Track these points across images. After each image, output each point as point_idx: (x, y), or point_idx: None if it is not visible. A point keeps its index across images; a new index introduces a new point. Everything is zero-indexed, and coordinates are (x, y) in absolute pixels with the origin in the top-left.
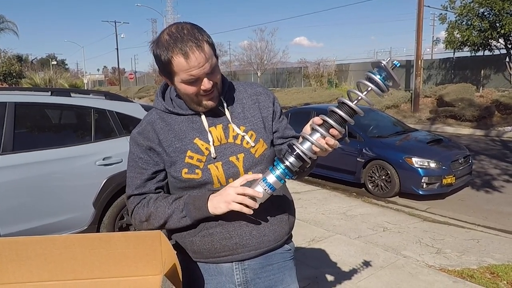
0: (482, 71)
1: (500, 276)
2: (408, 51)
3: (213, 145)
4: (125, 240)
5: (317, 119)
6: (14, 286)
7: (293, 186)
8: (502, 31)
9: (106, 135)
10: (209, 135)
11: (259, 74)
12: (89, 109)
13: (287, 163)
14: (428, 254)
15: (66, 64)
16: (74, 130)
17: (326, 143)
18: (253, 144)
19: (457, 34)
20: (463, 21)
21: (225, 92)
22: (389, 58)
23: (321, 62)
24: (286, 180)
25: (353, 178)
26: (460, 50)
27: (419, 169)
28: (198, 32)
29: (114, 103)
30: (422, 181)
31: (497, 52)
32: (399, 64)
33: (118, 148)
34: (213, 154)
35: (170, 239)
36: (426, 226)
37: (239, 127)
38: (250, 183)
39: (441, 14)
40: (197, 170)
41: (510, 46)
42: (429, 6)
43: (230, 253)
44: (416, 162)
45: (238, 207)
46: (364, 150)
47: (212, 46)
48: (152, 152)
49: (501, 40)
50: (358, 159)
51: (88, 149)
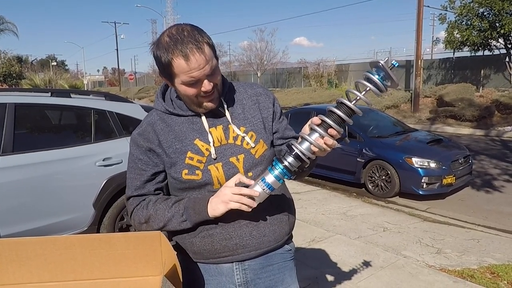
0: (482, 71)
1: (500, 276)
2: (408, 51)
3: (213, 146)
4: (125, 240)
5: (315, 119)
6: (14, 287)
7: (293, 187)
8: (502, 31)
9: (106, 136)
10: (209, 136)
11: (259, 75)
12: (89, 110)
13: (286, 163)
14: (428, 254)
15: (66, 65)
16: (74, 131)
17: (325, 143)
18: (253, 145)
19: (457, 34)
20: (463, 21)
21: (225, 93)
22: (387, 58)
23: (321, 62)
24: (285, 180)
25: (353, 178)
26: (460, 50)
27: (419, 169)
28: (198, 33)
29: (114, 104)
30: (422, 181)
31: (497, 52)
32: (398, 64)
33: (118, 148)
34: (213, 155)
35: (170, 240)
36: (426, 226)
37: (239, 128)
38: (245, 184)
39: (440, 14)
40: (197, 171)
41: (510, 46)
42: (428, 6)
43: (230, 253)
44: (416, 162)
45: (236, 206)
46: (364, 150)
47: (212, 47)
48: (152, 153)
49: (501, 40)
50: (358, 159)
51: (88, 150)
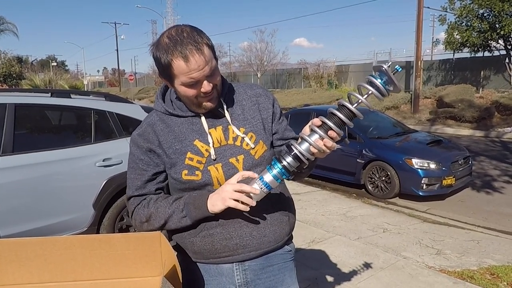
0: (482, 72)
1: (500, 277)
2: (408, 52)
3: (213, 146)
4: (125, 241)
5: (316, 121)
6: (14, 287)
7: (293, 187)
8: (502, 32)
9: (106, 136)
10: (209, 137)
11: (259, 75)
12: (89, 110)
13: (285, 163)
14: (428, 255)
15: (66, 65)
16: (74, 131)
17: (324, 145)
18: (252, 145)
19: (456, 35)
20: (463, 22)
21: (224, 93)
22: (390, 63)
23: (321, 63)
24: (283, 180)
25: (353, 179)
26: (459, 51)
27: (419, 170)
28: (197, 34)
29: (114, 104)
30: (422, 182)
31: (496, 53)
32: (401, 69)
33: (118, 149)
34: (213, 156)
35: (170, 240)
36: (426, 227)
37: (239, 129)
38: (247, 181)
39: (440, 15)
40: (197, 172)
41: (509, 47)
42: (428, 7)
43: (230, 253)
44: (416, 163)
45: (233, 204)
46: (364, 151)
47: (211, 48)
48: (152, 153)
49: (500, 41)
50: (358, 160)
51: (88, 150)
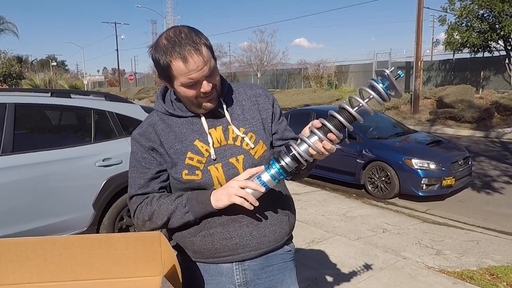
0: (482, 73)
1: (500, 277)
2: (408, 53)
3: (213, 146)
4: (124, 241)
5: (316, 122)
6: (13, 287)
7: (292, 187)
8: (502, 33)
9: (106, 136)
10: (209, 137)
11: (259, 75)
12: (89, 110)
13: (283, 163)
14: (427, 256)
15: (66, 65)
16: (74, 131)
17: (323, 147)
18: (252, 145)
19: (456, 35)
20: (463, 22)
21: (224, 94)
22: (393, 68)
23: (321, 63)
24: (280, 180)
25: (353, 179)
26: (459, 52)
27: (419, 170)
28: (195, 35)
29: (114, 104)
30: (422, 182)
31: (496, 53)
32: (403, 74)
33: (118, 149)
34: (213, 156)
35: (170, 240)
36: (426, 228)
37: (239, 129)
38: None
39: (440, 15)
40: (197, 172)
41: (509, 48)
42: (428, 8)
43: (230, 253)
44: (415, 163)
45: (239, 201)
46: (364, 152)
47: (210, 48)
48: (155, 152)
49: (500, 41)
50: (358, 160)
51: (88, 150)
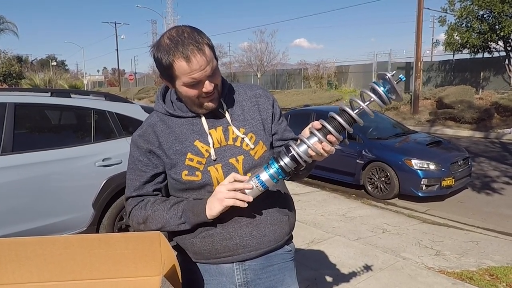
0: (482, 73)
1: (499, 278)
2: (407, 53)
3: (213, 147)
4: (124, 241)
5: (316, 124)
6: (13, 286)
7: (292, 188)
8: (502, 34)
9: (105, 136)
10: (209, 138)
11: (259, 76)
12: (89, 110)
13: (282, 163)
14: (427, 256)
15: (66, 65)
16: (74, 131)
17: (323, 148)
18: (252, 146)
19: (456, 36)
20: (463, 23)
21: (225, 94)
22: (394, 72)
23: (321, 63)
24: (279, 180)
25: (352, 179)
26: (459, 52)
27: (419, 171)
28: (198, 35)
29: (114, 104)
30: (422, 183)
31: (496, 54)
32: (405, 78)
33: (117, 149)
34: (213, 156)
35: (170, 240)
36: (426, 228)
37: (239, 129)
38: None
39: (440, 16)
40: (197, 172)
41: (509, 49)
42: (428, 9)
43: (230, 253)
44: (415, 164)
45: (231, 202)
46: (363, 152)
47: (212, 48)
48: (151, 155)
49: (500, 42)
50: (358, 161)
51: (87, 150)
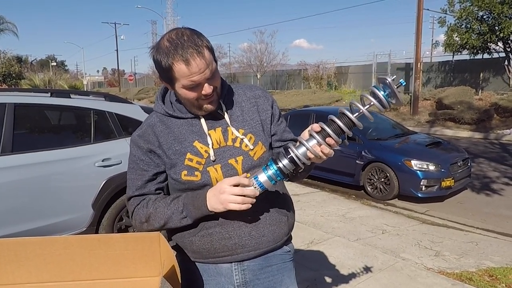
0: (481, 74)
1: (498, 278)
2: (407, 54)
3: (212, 148)
4: (124, 241)
5: (315, 126)
6: (13, 287)
7: (292, 188)
8: (501, 35)
9: (105, 137)
10: (208, 138)
11: (259, 76)
12: (88, 110)
13: (280, 165)
14: (427, 257)
15: (66, 65)
16: (74, 131)
17: (321, 151)
18: (252, 147)
19: (456, 37)
20: (462, 24)
21: (224, 95)
22: (395, 76)
23: (320, 64)
24: (277, 181)
25: (352, 180)
26: (459, 53)
27: (418, 171)
28: (198, 38)
29: (113, 105)
30: (421, 183)
31: (496, 55)
32: (405, 83)
33: (117, 149)
34: (212, 157)
35: (169, 240)
36: (425, 229)
37: (238, 130)
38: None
39: (440, 17)
40: (196, 172)
41: (509, 49)
42: (428, 9)
43: (229, 253)
44: (415, 164)
45: (236, 207)
46: (363, 153)
47: (211, 51)
48: (152, 154)
49: (500, 43)
50: (357, 162)
51: (87, 150)
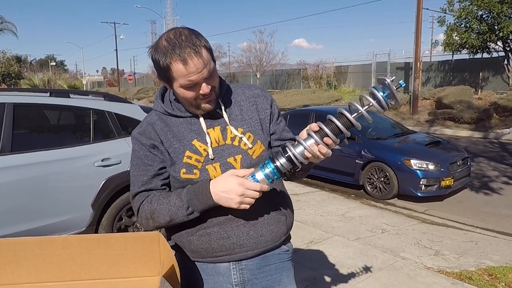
0: (481, 74)
1: (498, 278)
2: (407, 53)
3: (211, 146)
4: (123, 241)
5: (314, 126)
6: (12, 287)
7: (291, 188)
8: (501, 34)
9: (105, 136)
10: (207, 137)
11: (258, 76)
12: (88, 110)
13: (278, 164)
14: (426, 256)
15: (65, 65)
16: (73, 131)
17: (319, 151)
18: (250, 145)
19: (455, 36)
20: (462, 23)
21: (223, 94)
22: (394, 77)
23: (320, 64)
24: (274, 180)
25: (352, 180)
26: (458, 53)
27: (418, 171)
28: (196, 37)
29: (113, 104)
30: (421, 183)
31: (495, 54)
32: (404, 84)
33: (117, 149)
34: (211, 155)
35: (168, 240)
36: (425, 228)
37: (237, 129)
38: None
39: (440, 16)
40: (195, 170)
41: (508, 49)
42: (428, 9)
43: (227, 253)
44: (414, 164)
45: (246, 207)
46: (363, 152)
47: (209, 50)
48: (156, 150)
49: (499, 42)
50: (357, 161)
51: (86, 150)
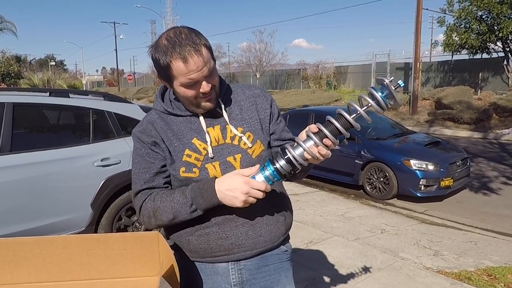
0: (480, 74)
1: (497, 278)
2: (406, 54)
3: (210, 145)
4: (123, 241)
5: (313, 127)
6: (11, 286)
7: (291, 188)
8: (500, 34)
9: (104, 136)
10: (206, 136)
11: (258, 76)
12: (87, 110)
13: (277, 166)
14: (425, 256)
15: (65, 64)
16: (73, 131)
17: (318, 152)
18: (250, 145)
19: (455, 37)
20: (462, 24)
21: (222, 94)
22: (393, 77)
23: (320, 64)
24: (274, 182)
25: (351, 180)
26: (458, 53)
27: (417, 171)
28: (196, 36)
29: (112, 104)
30: (420, 183)
31: (495, 55)
32: (404, 84)
33: (116, 149)
34: (210, 154)
35: (167, 239)
36: (424, 228)
37: (237, 128)
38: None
39: (439, 17)
40: (194, 169)
41: (508, 49)
42: (427, 9)
43: (226, 253)
44: (414, 164)
45: (248, 204)
46: (362, 152)
47: (209, 49)
48: (157, 147)
49: (499, 43)
50: (357, 161)
51: (86, 150)
